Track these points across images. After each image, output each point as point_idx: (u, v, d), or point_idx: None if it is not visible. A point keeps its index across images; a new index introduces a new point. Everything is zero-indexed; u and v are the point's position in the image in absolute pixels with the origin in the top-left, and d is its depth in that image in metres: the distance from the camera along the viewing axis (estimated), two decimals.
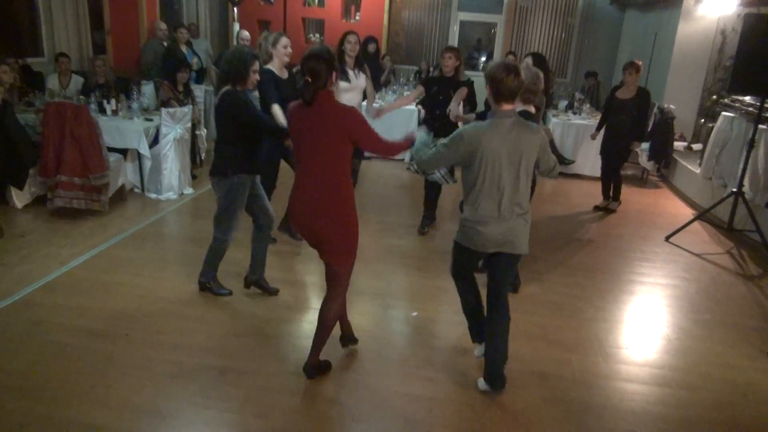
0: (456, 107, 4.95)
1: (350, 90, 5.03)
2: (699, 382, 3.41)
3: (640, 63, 6.35)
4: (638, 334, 3.97)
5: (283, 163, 4.75)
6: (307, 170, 2.91)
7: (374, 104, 5.87)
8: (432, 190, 5.49)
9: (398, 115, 6.85)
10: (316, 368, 3.17)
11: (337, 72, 2.93)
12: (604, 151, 6.67)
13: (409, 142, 3.14)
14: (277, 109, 4.23)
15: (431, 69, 10.06)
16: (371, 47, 8.86)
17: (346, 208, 2.93)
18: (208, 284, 4.04)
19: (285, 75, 4.48)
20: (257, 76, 3.69)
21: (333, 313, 3.09)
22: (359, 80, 5.12)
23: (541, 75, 4.12)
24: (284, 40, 4.40)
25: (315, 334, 3.12)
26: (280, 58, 4.41)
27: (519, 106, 4.10)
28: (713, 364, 3.62)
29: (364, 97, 5.36)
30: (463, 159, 2.92)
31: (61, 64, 6.75)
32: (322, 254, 3.05)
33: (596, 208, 6.77)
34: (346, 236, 2.96)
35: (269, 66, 4.39)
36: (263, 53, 4.44)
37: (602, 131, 6.67)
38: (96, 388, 3.00)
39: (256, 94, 4.33)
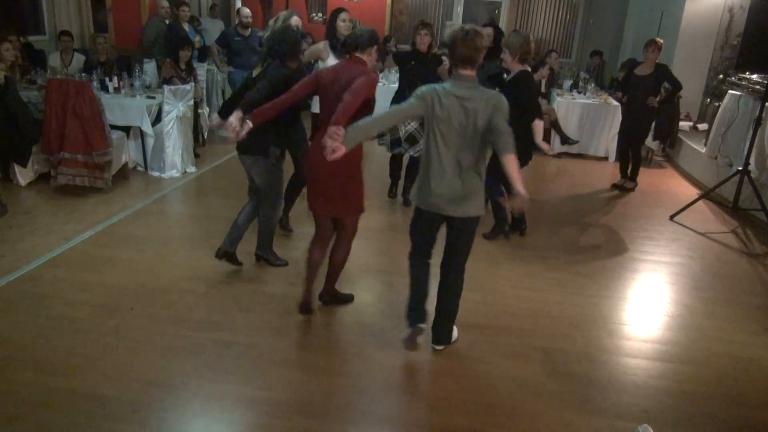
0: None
1: None
2: (701, 357, 3.42)
3: (662, 41, 6.29)
4: (642, 310, 3.97)
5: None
6: None
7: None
8: (394, 165, 5.99)
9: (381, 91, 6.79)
10: (334, 297, 3.64)
11: (380, 50, 3.17)
12: (624, 130, 6.71)
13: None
14: None
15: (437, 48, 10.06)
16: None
17: (358, 162, 3.25)
18: (265, 256, 4.13)
19: None
20: (303, 57, 4.00)
21: (341, 256, 3.47)
22: None
23: (531, 37, 4.42)
24: (296, 18, 4.52)
25: (326, 275, 3.57)
26: None
27: (519, 67, 4.44)
28: (716, 339, 3.63)
29: None
30: (418, 116, 2.99)
31: (63, 42, 6.72)
32: (330, 209, 3.30)
33: (614, 186, 6.80)
34: (359, 190, 3.28)
35: None
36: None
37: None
38: (101, 360, 3.02)
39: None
